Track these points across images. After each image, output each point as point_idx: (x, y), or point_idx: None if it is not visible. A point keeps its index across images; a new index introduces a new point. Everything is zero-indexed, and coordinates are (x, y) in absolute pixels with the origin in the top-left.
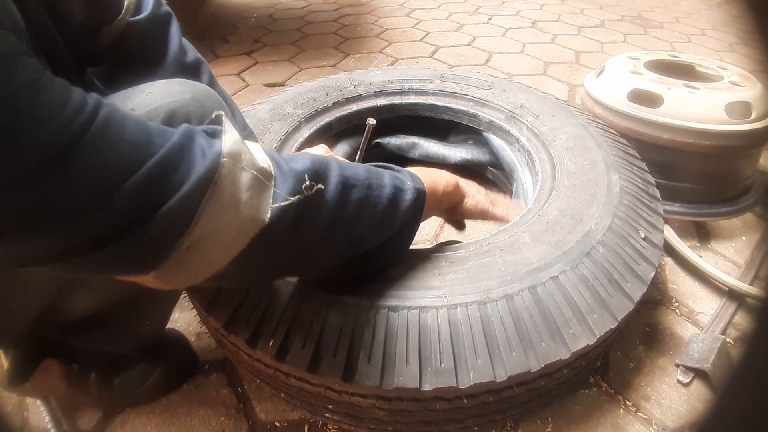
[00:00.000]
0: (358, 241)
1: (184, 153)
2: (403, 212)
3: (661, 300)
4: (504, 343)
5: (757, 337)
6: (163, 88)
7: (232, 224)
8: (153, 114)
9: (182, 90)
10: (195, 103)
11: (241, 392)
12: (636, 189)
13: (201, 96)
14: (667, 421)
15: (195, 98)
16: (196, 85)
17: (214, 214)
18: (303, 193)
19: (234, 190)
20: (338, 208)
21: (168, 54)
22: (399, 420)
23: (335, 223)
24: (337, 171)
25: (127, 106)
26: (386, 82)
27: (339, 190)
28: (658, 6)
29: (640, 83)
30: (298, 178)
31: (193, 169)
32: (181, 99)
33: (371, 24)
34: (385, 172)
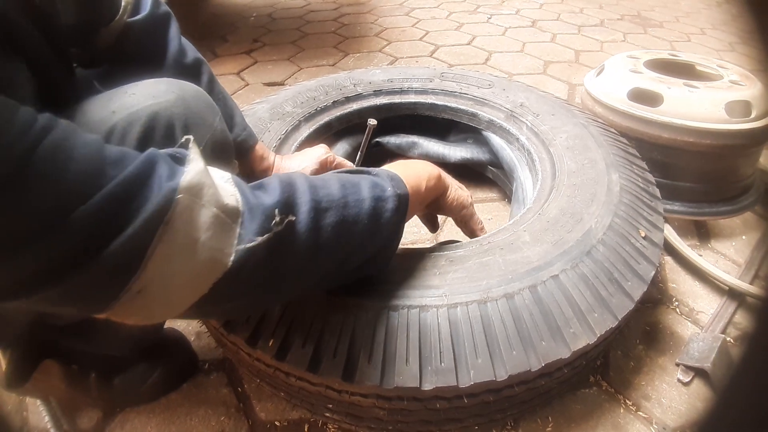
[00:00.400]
0: (342, 263)
1: (140, 186)
2: (387, 223)
3: (661, 299)
4: (504, 342)
5: (757, 336)
6: (147, 89)
7: (188, 268)
8: (134, 117)
9: (167, 90)
10: (180, 105)
11: (241, 392)
12: (636, 188)
13: (188, 96)
14: (667, 420)
15: (181, 99)
16: (184, 85)
17: (165, 258)
18: (272, 230)
19: (190, 230)
20: (313, 236)
21: (168, 55)
22: (399, 419)
23: (312, 252)
24: (309, 196)
25: (109, 108)
26: (386, 81)
27: (312, 218)
28: (658, 5)
29: (640, 82)
30: (267, 214)
31: (145, 206)
32: (165, 100)
33: (371, 23)
34: (363, 181)
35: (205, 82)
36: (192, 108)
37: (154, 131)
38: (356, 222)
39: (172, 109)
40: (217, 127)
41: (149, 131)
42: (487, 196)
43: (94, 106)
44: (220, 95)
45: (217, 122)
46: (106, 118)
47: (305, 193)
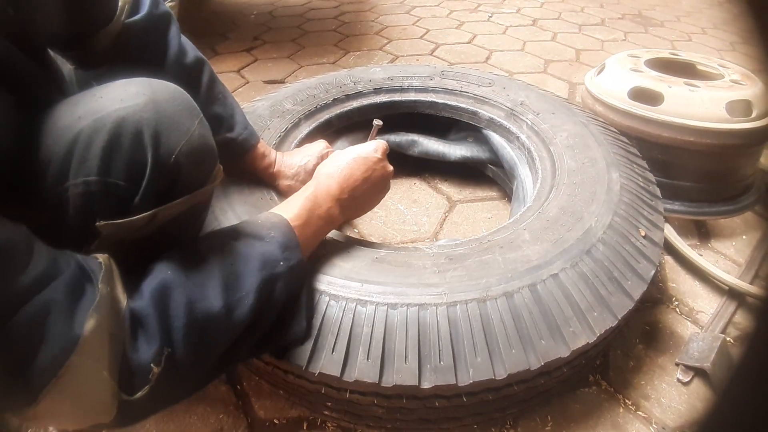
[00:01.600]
0: (235, 353)
1: (37, 330)
2: (278, 301)
3: (661, 299)
4: (503, 340)
5: (757, 336)
6: (115, 91)
7: (80, 412)
8: (100, 123)
9: (137, 93)
10: (150, 109)
11: (239, 389)
12: (636, 187)
13: (161, 99)
14: (666, 419)
15: (151, 102)
16: (158, 87)
17: (55, 401)
18: (150, 382)
19: (78, 386)
20: (196, 359)
21: (168, 54)
22: (398, 418)
23: (201, 364)
24: (183, 320)
25: (76, 114)
26: (386, 79)
27: (189, 345)
28: (659, 4)
29: (640, 81)
30: (145, 369)
31: (38, 356)
32: (133, 104)
33: (371, 21)
34: (250, 263)
35: (205, 81)
36: (164, 112)
37: (121, 138)
38: (239, 323)
39: (140, 113)
40: (195, 132)
41: (115, 139)
42: (487, 195)
43: (62, 110)
44: (220, 95)
45: (196, 126)
46: (72, 123)
47: (181, 316)
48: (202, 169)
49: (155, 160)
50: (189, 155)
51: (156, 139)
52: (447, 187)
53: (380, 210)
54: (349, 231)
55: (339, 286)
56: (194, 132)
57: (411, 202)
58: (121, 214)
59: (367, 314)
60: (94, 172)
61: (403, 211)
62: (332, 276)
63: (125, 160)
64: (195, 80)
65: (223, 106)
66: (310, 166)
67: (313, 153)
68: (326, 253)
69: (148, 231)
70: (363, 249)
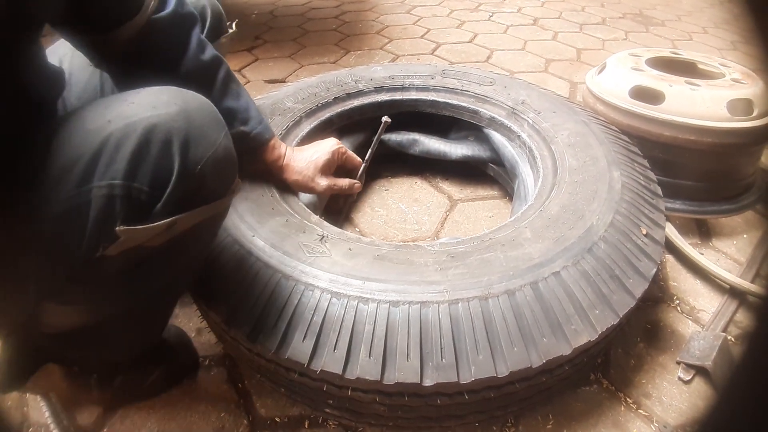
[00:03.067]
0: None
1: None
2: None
3: (662, 297)
4: (505, 338)
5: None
6: (148, 98)
7: None
8: (131, 128)
9: (169, 102)
10: (181, 118)
11: (241, 387)
12: (637, 185)
13: (192, 109)
14: (668, 418)
15: (183, 112)
16: (189, 97)
17: None
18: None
19: None
20: None
21: (188, 51)
22: (399, 415)
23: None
24: None
25: (106, 117)
26: (387, 77)
27: None
28: (660, 3)
29: (641, 80)
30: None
31: None
32: (165, 113)
33: (372, 21)
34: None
35: (221, 77)
36: (194, 122)
37: (150, 145)
38: None
39: (172, 122)
40: (221, 143)
41: (144, 145)
42: (488, 194)
43: (91, 112)
44: (234, 91)
45: (222, 138)
46: (101, 127)
47: None
48: (224, 181)
49: (182, 169)
50: (214, 166)
51: (185, 149)
52: (448, 186)
53: (381, 209)
54: (350, 229)
55: (341, 283)
56: (220, 144)
57: (412, 201)
58: (140, 220)
59: (368, 312)
60: (120, 176)
61: (404, 210)
62: (334, 274)
63: (152, 166)
64: (211, 76)
65: (237, 101)
66: (321, 162)
67: (324, 149)
68: (328, 251)
69: (165, 239)
70: (364, 246)
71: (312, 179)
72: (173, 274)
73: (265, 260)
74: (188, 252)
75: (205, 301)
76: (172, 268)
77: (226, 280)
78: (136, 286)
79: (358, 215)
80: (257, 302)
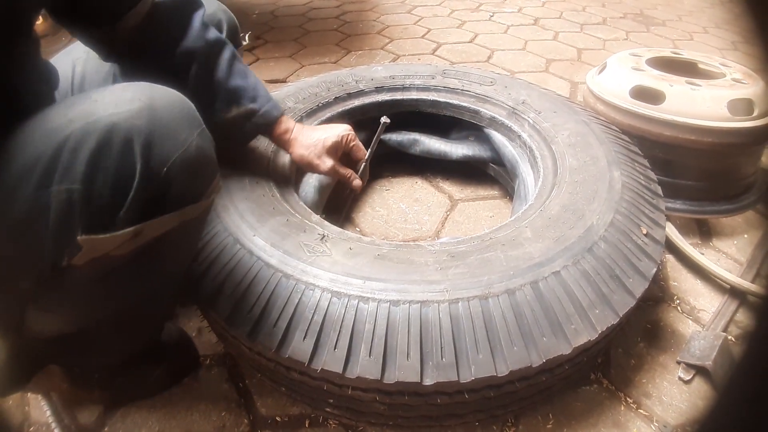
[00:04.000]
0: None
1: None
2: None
3: (662, 297)
4: (505, 337)
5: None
6: (111, 96)
7: None
8: (91, 128)
9: (133, 99)
10: (144, 116)
11: (242, 387)
12: (638, 185)
13: (158, 106)
14: (668, 418)
15: (147, 109)
16: (158, 93)
17: None
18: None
19: None
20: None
21: (191, 31)
22: (400, 414)
23: None
24: None
25: (67, 116)
26: (388, 77)
27: None
28: (661, 3)
29: (642, 80)
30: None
31: None
32: (126, 110)
33: (373, 21)
34: None
35: (227, 57)
36: (160, 120)
37: (110, 146)
38: None
39: (133, 120)
40: (193, 143)
41: (103, 146)
42: (489, 194)
43: (55, 111)
44: (241, 71)
45: (195, 137)
46: (62, 126)
47: None
48: (197, 183)
49: (144, 172)
50: (184, 168)
51: (147, 149)
52: (449, 186)
53: (382, 209)
54: (351, 229)
55: (341, 283)
56: (191, 143)
57: (413, 201)
58: (104, 227)
59: (369, 311)
60: (79, 180)
61: (405, 210)
62: (334, 273)
63: (112, 169)
64: (215, 55)
65: (245, 80)
66: (329, 142)
67: (335, 132)
68: (328, 250)
69: (134, 247)
70: (365, 246)
71: (318, 157)
72: (151, 283)
73: (266, 259)
74: (164, 260)
75: (205, 300)
76: (148, 278)
77: (227, 279)
78: (112, 296)
79: (358, 215)
80: (258, 301)
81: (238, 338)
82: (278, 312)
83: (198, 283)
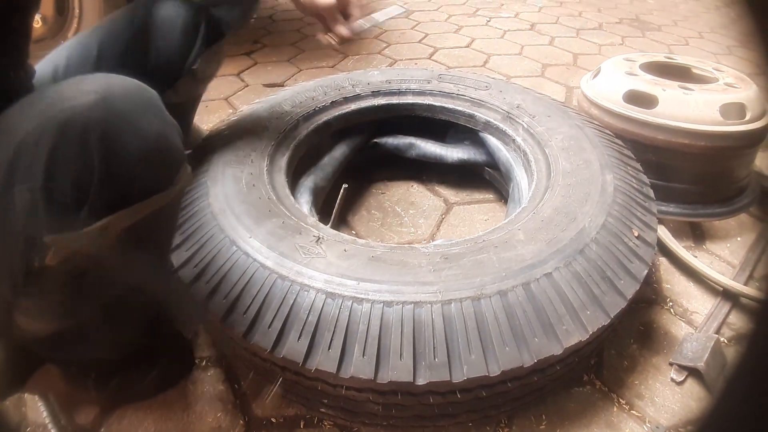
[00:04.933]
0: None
1: None
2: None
3: (655, 299)
4: (497, 338)
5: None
6: (67, 90)
7: None
8: (46, 126)
9: (88, 91)
10: (100, 108)
11: (237, 388)
12: (630, 188)
13: (115, 96)
14: (660, 419)
15: (103, 100)
16: (114, 83)
17: None
18: None
19: None
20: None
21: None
22: (393, 415)
23: None
24: None
25: (25, 114)
26: (384, 82)
27: None
28: (656, 9)
29: (635, 84)
30: None
31: None
32: (80, 104)
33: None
34: None
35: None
36: (116, 110)
37: (67, 141)
38: None
39: (88, 113)
40: (154, 130)
41: (60, 142)
42: (484, 197)
43: (14, 110)
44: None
45: (155, 126)
46: (20, 125)
47: None
48: (162, 172)
49: (103, 165)
50: (145, 157)
51: (105, 142)
52: (444, 190)
53: (378, 212)
54: (346, 232)
55: (335, 284)
56: (153, 131)
57: (408, 205)
58: (69, 225)
59: (363, 312)
60: (39, 179)
61: (401, 213)
62: (329, 274)
63: (71, 165)
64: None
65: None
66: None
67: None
68: (323, 252)
69: (107, 243)
70: (359, 248)
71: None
72: (130, 278)
73: (262, 261)
74: (139, 251)
75: (202, 301)
76: (125, 273)
77: (223, 281)
78: (92, 292)
79: (354, 218)
80: (253, 302)
81: (234, 339)
82: (273, 313)
83: (194, 284)
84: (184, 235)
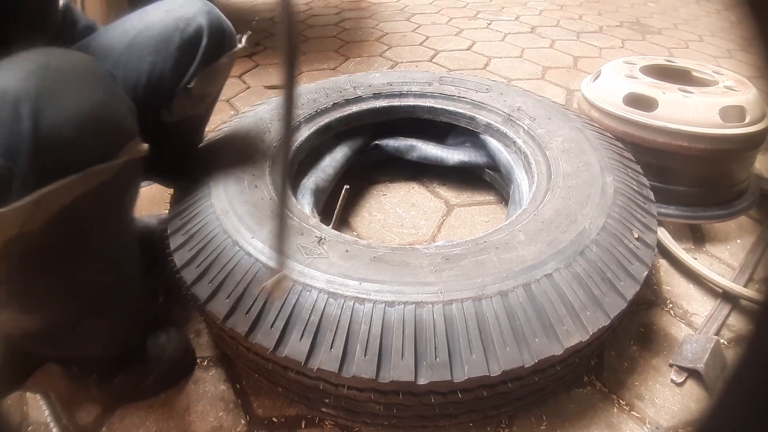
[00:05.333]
0: None
1: None
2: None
3: (655, 301)
4: (498, 338)
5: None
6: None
7: None
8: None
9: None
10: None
11: (239, 388)
12: (630, 190)
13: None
14: (660, 420)
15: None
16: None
17: None
18: None
19: None
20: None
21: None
22: (395, 414)
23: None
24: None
25: None
26: (385, 84)
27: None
28: (657, 12)
29: (635, 87)
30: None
31: None
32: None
33: (371, 28)
34: None
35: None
36: (52, 79)
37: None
38: None
39: (21, 83)
40: (93, 100)
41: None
42: (485, 199)
43: None
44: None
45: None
46: None
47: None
48: (101, 142)
49: (35, 135)
50: (82, 126)
51: (37, 111)
52: (445, 191)
53: (379, 213)
54: (348, 233)
55: (337, 284)
56: (91, 101)
57: (409, 206)
58: (2, 199)
59: (365, 312)
60: None
61: (402, 215)
62: (331, 275)
63: (4, 137)
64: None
65: None
66: None
67: None
68: (325, 252)
69: (44, 219)
70: (361, 249)
71: None
72: (88, 260)
73: (264, 261)
74: (91, 233)
75: (204, 300)
76: (82, 254)
77: (226, 280)
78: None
79: (355, 219)
80: (256, 302)
81: (236, 338)
82: (276, 312)
83: (196, 284)
84: (187, 236)
